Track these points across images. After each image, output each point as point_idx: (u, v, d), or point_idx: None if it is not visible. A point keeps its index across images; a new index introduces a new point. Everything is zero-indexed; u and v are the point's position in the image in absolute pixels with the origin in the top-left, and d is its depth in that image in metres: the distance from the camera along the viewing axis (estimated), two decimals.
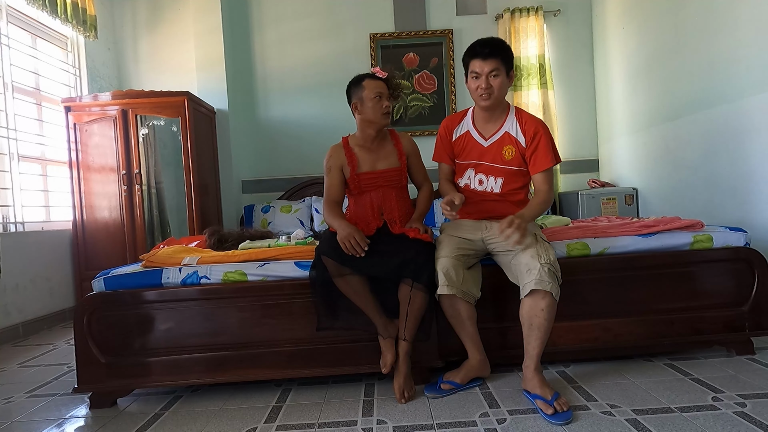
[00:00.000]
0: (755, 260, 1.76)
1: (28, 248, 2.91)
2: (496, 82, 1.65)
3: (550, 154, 1.69)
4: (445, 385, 1.58)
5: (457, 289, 1.55)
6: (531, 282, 1.46)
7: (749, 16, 2.46)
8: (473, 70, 1.68)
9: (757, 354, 1.78)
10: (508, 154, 1.71)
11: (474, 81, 1.68)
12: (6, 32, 2.94)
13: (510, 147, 1.71)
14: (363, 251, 1.56)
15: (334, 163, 1.82)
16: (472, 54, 1.68)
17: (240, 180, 4.07)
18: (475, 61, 1.66)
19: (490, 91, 1.65)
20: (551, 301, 1.46)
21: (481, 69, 1.65)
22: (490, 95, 1.66)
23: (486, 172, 1.75)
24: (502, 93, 1.69)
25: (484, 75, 1.64)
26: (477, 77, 1.67)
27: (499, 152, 1.72)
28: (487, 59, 1.64)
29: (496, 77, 1.65)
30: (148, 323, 1.68)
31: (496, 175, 1.74)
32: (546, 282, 1.44)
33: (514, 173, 1.73)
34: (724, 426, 1.26)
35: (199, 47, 3.86)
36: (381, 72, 1.80)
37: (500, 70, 1.65)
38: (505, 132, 1.73)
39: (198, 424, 1.48)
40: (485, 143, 1.74)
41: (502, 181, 1.73)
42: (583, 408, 1.42)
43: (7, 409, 1.67)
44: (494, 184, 1.74)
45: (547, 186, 1.70)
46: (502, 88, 1.67)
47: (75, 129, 3.31)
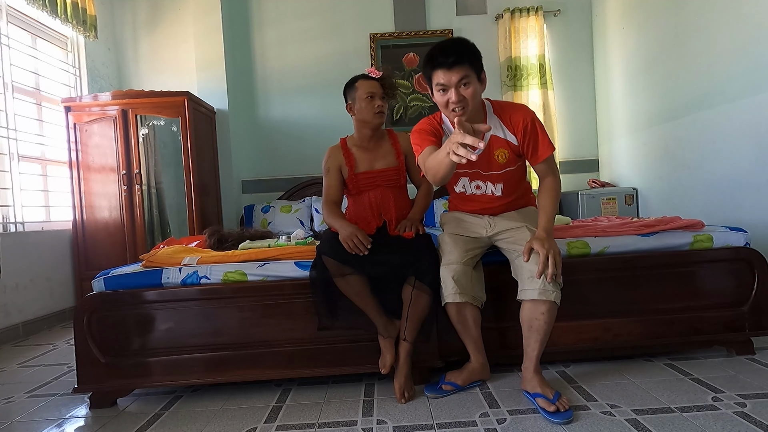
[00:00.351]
0: (755, 260, 1.76)
1: (28, 248, 2.91)
2: (468, 92, 1.43)
3: (547, 139, 1.55)
4: (446, 386, 1.58)
5: (469, 295, 1.52)
6: (533, 291, 1.41)
7: (749, 16, 2.46)
8: (438, 82, 1.44)
9: (757, 354, 1.78)
10: (502, 158, 1.57)
11: (441, 95, 1.46)
12: (6, 32, 2.94)
13: (502, 150, 1.57)
14: (366, 250, 1.55)
15: (332, 164, 1.82)
16: (434, 64, 1.43)
17: (240, 180, 4.07)
18: (439, 73, 1.43)
19: (464, 104, 1.44)
20: (552, 306, 1.42)
21: (448, 80, 1.42)
22: (464, 108, 1.45)
23: (483, 179, 1.63)
24: (477, 101, 1.49)
25: (453, 87, 1.42)
26: (444, 90, 1.44)
27: (490, 159, 1.58)
28: (453, 68, 1.40)
29: (467, 87, 1.43)
30: (148, 323, 1.68)
31: (494, 181, 1.63)
32: (549, 291, 1.40)
33: (512, 173, 1.63)
34: (724, 426, 1.26)
35: (199, 47, 3.86)
36: (375, 72, 1.80)
37: (470, 77, 1.43)
38: (491, 136, 1.57)
39: (198, 424, 1.48)
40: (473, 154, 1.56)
41: (502, 186, 1.63)
42: (583, 408, 1.42)
43: (7, 409, 1.67)
44: (494, 189, 1.64)
45: (553, 173, 1.57)
46: (476, 96, 1.46)
47: (75, 129, 3.31)
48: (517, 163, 1.61)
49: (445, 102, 1.46)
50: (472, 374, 1.61)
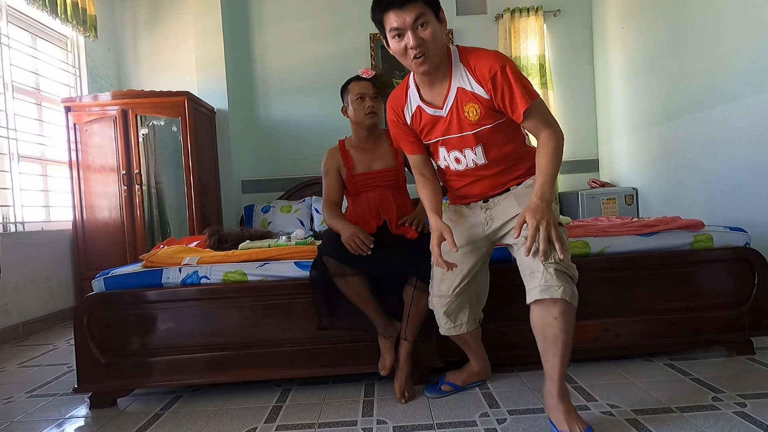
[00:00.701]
0: (755, 260, 1.76)
1: (28, 248, 2.91)
2: (427, 33, 1.21)
3: (522, 89, 1.24)
4: (445, 386, 1.58)
5: (465, 326, 1.47)
6: (535, 289, 1.20)
7: (749, 16, 2.46)
8: (392, 26, 1.22)
9: (757, 354, 1.78)
10: (473, 114, 1.30)
11: (397, 41, 1.24)
12: (6, 32, 2.94)
13: (471, 105, 1.29)
14: (369, 249, 1.55)
15: (331, 166, 1.83)
16: (384, 5, 1.23)
17: (240, 180, 4.07)
18: (390, 15, 1.21)
19: (424, 49, 1.22)
20: (566, 307, 1.18)
21: (402, 22, 1.20)
22: (425, 55, 1.23)
23: (458, 146, 1.37)
24: (439, 44, 1.25)
25: (408, 29, 1.21)
26: (400, 35, 1.23)
27: (461, 117, 1.32)
28: (405, 6, 1.20)
29: (425, 27, 1.21)
30: (148, 323, 1.68)
31: (471, 146, 1.35)
32: (554, 287, 1.17)
33: (491, 132, 1.33)
34: (724, 426, 1.26)
35: (199, 47, 3.86)
36: (367, 72, 1.80)
37: (427, 15, 1.22)
38: (458, 88, 1.30)
39: (198, 424, 1.48)
40: (442, 112, 1.34)
41: (482, 149, 1.35)
42: (583, 408, 1.42)
43: (7, 409, 1.67)
44: (474, 156, 1.36)
45: (548, 125, 1.29)
46: (437, 38, 1.23)
47: (75, 129, 3.31)
48: (495, 120, 1.32)
49: (402, 49, 1.24)
50: (471, 375, 1.61)
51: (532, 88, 1.28)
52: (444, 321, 1.47)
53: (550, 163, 1.25)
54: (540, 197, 1.19)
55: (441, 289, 1.45)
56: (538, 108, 1.28)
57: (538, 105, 1.27)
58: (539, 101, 1.28)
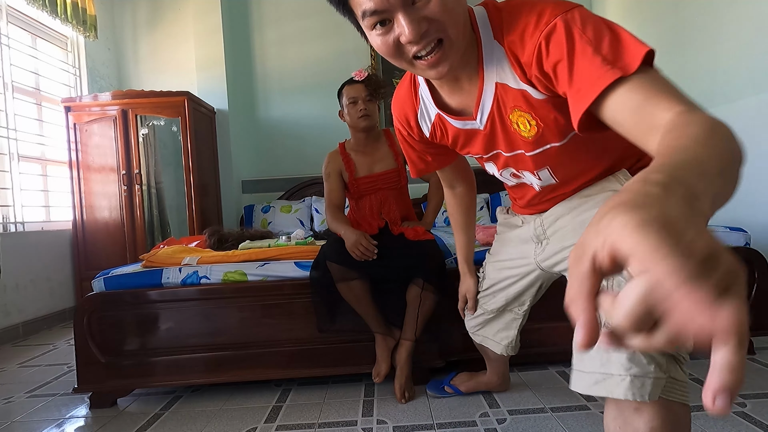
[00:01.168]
0: (755, 260, 1.76)
1: (28, 248, 2.91)
2: (434, 2, 0.65)
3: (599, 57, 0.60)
4: (448, 388, 1.57)
5: (488, 340, 1.34)
6: (590, 376, 0.74)
7: (749, 16, 2.46)
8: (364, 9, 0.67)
9: (757, 354, 1.78)
10: (525, 128, 0.78)
11: (380, 33, 0.69)
12: (6, 32, 2.94)
13: (520, 115, 0.77)
14: (374, 255, 1.55)
15: (332, 169, 1.83)
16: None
17: (240, 180, 4.07)
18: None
19: (433, 37, 0.67)
20: (663, 416, 0.66)
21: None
22: (438, 47, 0.68)
23: (515, 165, 0.91)
24: (458, 17, 0.68)
25: (398, 6, 0.65)
26: (383, 21, 0.67)
27: (508, 130, 0.81)
28: None
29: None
30: (148, 323, 1.68)
31: (533, 168, 0.87)
32: (638, 382, 0.66)
33: (560, 151, 0.81)
34: (724, 426, 1.26)
35: (199, 47, 3.86)
36: (359, 74, 1.78)
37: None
38: (496, 85, 0.76)
39: (198, 424, 1.48)
40: (477, 124, 0.84)
41: (549, 171, 0.88)
42: (583, 408, 1.42)
43: (7, 409, 1.67)
44: (539, 181, 0.92)
45: (680, 104, 0.56)
46: (454, 8, 0.67)
47: (75, 129, 3.31)
48: (567, 136, 0.79)
49: (392, 46, 0.69)
50: (479, 385, 1.56)
51: (636, 45, 0.60)
52: (471, 320, 1.35)
53: (699, 145, 0.44)
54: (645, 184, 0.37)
55: (472, 323, 1.33)
56: (650, 78, 0.59)
57: (653, 75, 0.59)
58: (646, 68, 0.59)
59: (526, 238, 1.08)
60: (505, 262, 1.19)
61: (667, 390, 0.67)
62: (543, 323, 1.66)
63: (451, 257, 1.76)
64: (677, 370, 0.68)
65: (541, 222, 1.02)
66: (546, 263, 1.03)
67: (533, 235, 1.05)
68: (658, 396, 0.65)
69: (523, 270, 1.13)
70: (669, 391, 0.67)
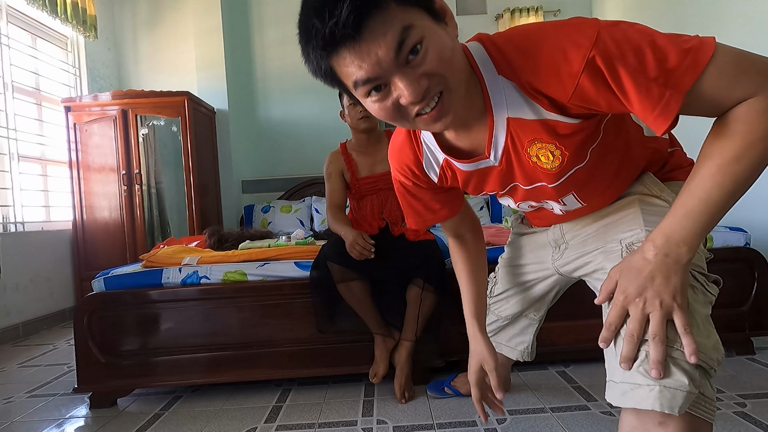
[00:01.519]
0: (755, 260, 1.76)
1: (28, 248, 2.91)
2: (430, 58, 0.61)
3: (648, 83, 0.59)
4: (448, 389, 1.57)
5: (501, 346, 1.34)
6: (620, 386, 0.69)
7: (749, 16, 2.46)
8: (356, 79, 0.62)
9: (757, 354, 1.78)
10: (547, 159, 0.74)
11: (377, 99, 0.65)
12: (6, 32, 2.94)
13: (541, 147, 0.73)
14: (371, 253, 1.55)
15: (333, 169, 1.83)
16: (324, 41, 0.59)
17: (240, 180, 4.07)
18: (344, 56, 0.60)
19: (434, 91, 0.63)
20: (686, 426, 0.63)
21: (373, 62, 0.59)
22: (440, 101, 0.64)
23: (534, 197, 0.87)
24: (457, 66, 0.64)
25: (393, 70, 0.60)
26: (377, 87, 0.63)
27: (524, 163, 0.77)
28: (364, 30, 0.57)
29: (420, 51, 0.60)
30: (148, 323, 1.68)
31: (556, 197, 0.84)
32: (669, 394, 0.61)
33: (588, 169, 0.77)
34: (724, 426, 1.26)
35: (199, 47, 3.86)
36: None
37: (415, 21, 0.60)
38: (508, 121, 0.72)
39: (198, 424, 1.48)
40: (492, 161, 0.79)
41: (574, 195, 0.84)
42: (583, 408, 1.42)
43: (7, 409, 1.67)
44: (563, 206, 0.88)
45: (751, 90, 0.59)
46: (450, 57, 0.62)
47: (75, 129, 3.31)
48: (592, 145, 0.74)
49: (392, 109, 0.65)
50: None
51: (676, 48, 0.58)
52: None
53: (708, 180, 0.61)
54: (656, 248, 0.65)
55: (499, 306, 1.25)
56: (711, 79, 0.58)
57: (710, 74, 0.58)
58: (717, 55, 0.58)
59: (544, 243, 1.04)
60: (520, 267, 1.15)
61: (695, 405, 0.63)
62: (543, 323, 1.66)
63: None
64: (707, 386, 0.66)
65: (560, 227, 0.99)
66: (565, 268, 1.00)
67: (551, 239, 1.01)
68: (686, 409, 0.61)
69: (539, 275, 1.10)
70: (696, 406, 0.63)
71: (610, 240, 0.84)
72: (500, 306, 1.26)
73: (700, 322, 0.68)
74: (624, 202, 0.85)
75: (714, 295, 0.75)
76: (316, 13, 0.58)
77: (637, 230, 0.80)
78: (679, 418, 0.62)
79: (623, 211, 0.85)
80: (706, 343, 0.66)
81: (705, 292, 0.74)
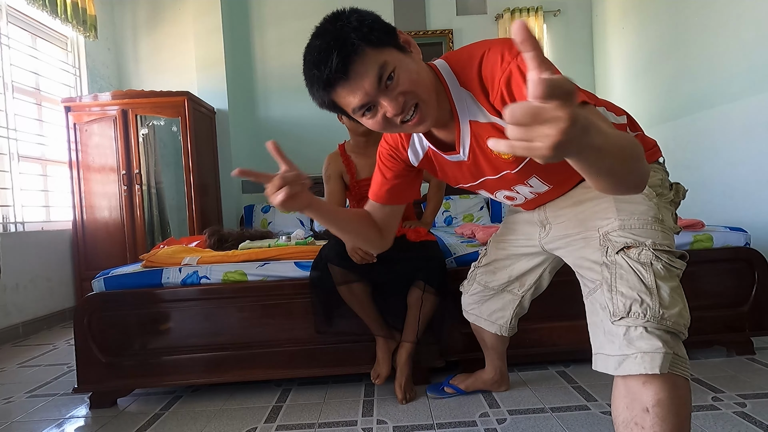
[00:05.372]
0: (755, 260, 1.76)
1: (28, 248, 2.91)
2: (404, 81, 0.80)
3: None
4: (448, 388, 1.57)
5: (482, 320, 1.36)
6: (613, 360, 0.79)
7: (749, 16, 2.46)
8: (354, 106, 0.82)
9: (757, 354, 1.78)
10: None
11: (372, 117, 0.84)
12: (6, 32, 2.94)
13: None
14: (374, 258, 1.54)
15: (332, 171, 1.83)
16: (323, 83, 0.80)
17: (240, 180, 4.07)
18: (339, 92, 0.81)
19: (411, 104, 0.82)
20: (668, 388, 0.74)
21: (363, 93, 0.79)
22: (418, 109, 0.83)
23: (503, 186, 1.03)
24: (426, 83, 0.84)
25: (377, 96, 0.80)
26: (370, 108, 0.82)
27: (488, 156, 0.93)
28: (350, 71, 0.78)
29: (395, 77, 0.79)
30: (148, 323, 1.68)
31: (522, 180, 0.99)
32: (648, 358, 0.74)
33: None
34: (724, 426, 1.26)
35: (199, 47, 3.86)
36: None
37: (387, 58, 0.79)
38: (470, 123, 0.89)
39: (198, 424, 1.48)
40: (461, 156, 0.96)
41: (537, 178, 0.98)
42: (583, 408, 1.42)
43: (7, 409, 1.67)
44: (531, 188, 1.02)
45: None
46: (419, 77, 0.82)
47: (75, 129, 3.31)
48: None
49: (382, 121, 0.83)
50: (477, 382, 1.56)
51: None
52: (467, 298, 1.37)
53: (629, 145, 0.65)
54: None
55: (468, 288, 1.35)
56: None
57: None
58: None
59: (532, 221, 1.15)
60: (509, 241, 1.24)
61: (672, 365, 0.75)
62: (543, 323, 1.66)
63: (451, 257, 1.76)
64: (680, 347, 0.79)
65: (543, 209, 1.10)
66: (550, 246, 1.10)
67: (537, 220, 1.13)
68: (667, 369, 0.74)
69: (527, 250, 1.19)
70: (674, 365, 0.75)
71: (589, 227, 0.96)
72: (486, 276, 1.31)
73: (665, 294, 0.79)
74: (596, 192, 0.94)
75: (680, 269, 0.86)
76: (314, 65, 0.80)
77: (611, 219, 0.90)
78: (659, 378, 0.74)
79: (597, 198, 0.95)
80: (673, 311, 0.78)
81: (669, 267, 0.84)
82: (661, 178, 0.98)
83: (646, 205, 0.90)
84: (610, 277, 0.84)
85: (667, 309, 0.78)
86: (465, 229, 2.50)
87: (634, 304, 0.79)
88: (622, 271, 0.83)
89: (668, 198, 0.97)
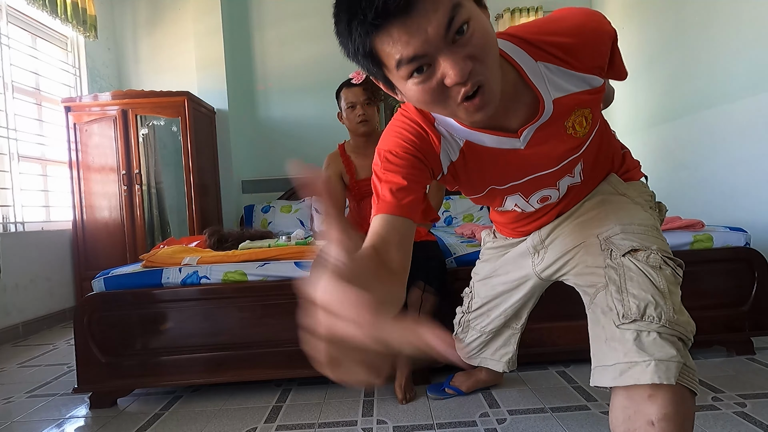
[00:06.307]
0: (755, 260, 1.76)
1: (28, 248, 2.91)
2: (477, 37, 0.60)
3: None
4: (449, 389, 1.57)
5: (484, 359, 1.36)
6: (614, 368, 0.73)
7: (750, 16, 2.46)
8: (401, 57, 0.60)
9: (757, 354, 1.78)
10: (583, 125, 0.80)
11: (419, 82, 0.63)
12: (6, 32, 2.94)
13: (581, 112, 0.79)
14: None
15: (332, 171, 1.83)
16: (374, 13, 0.57)
17: (240, 180, 4.06)
18: (393, 31, 0.58)
19: (479, 74, 0.62)
20: (677, 401, 0.68)
21: (422, 38, 0.58)
22: (483, 85, 0.63)
23: (550, 183, 0.90)
24: (494, 57, 0.64)
25: (441, 47, 0.59)
26: (420, 68, 0.61)
27: (561, 138, 0.80)
28: (422, 12, 0.57)
29: (468, 30, 0.60)
30: (148, 323, 1.68)
31: (571, 170, 0.90)
32: (663, 366, 0.68)
33: (599, 132, 0.89)
34: (724, 426, 1.26)
35: (199, 47, 3.86)
36: (358, 76, 1.74)
37: (465, 4, 0.59)
38: (554, 102, 0.76)
39: (198, 424, 1.48)
40: (518, 143, 0.79)
41: (581, 169, 0.91)
42: (583, 408, 1.42)
43: (7, 409, 1.67)
44: (571, 180, 0.92)
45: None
46: (492, 44, 0.64)
47: (75, 129, 3.31)
48: (600, 110, 0.88)
49: (434, 91, 0.63)
50: (477, 383, 1.58)
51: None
52: (466, 347, 1.33)
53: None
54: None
55: (462, 335, 1.32)
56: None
57: None
58: None
59: (522, 252, 1.09)
60: (498, 278, 1.19)
61: (681, 375, 0.68)
62: (543, 323, 1.66)
63: (451, 257, 1.76)
64: (689, 357, 0.72)
65: (539, 233, 1.04)
66: (546, 272, 1.05)
67: (530, 247, 1.07)
68: (676, 379, 0.67)
69: (518, 283, 1.15)
70: (683, 376, 0.69)
71: (588, 236, 0.92)
72: (481, 321, 1.28)
73: (678, 299, 0.76)
74: (595, 202, 0.95)
75: (681, 279, 0.82)
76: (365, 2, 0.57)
77: (611, 225, 0.88)
78: (667, 390, 0.67)
79: (595, 210, 0.95)
80: (684, 318, 0.74)
81: (675, 274, 0.80)
82: (651, 194, 0.98)
83: (645, 214, 0.89)
84: (619, 279, 0.78)
85: (680, 315, 0.74)
86: (465, 229, 2.50)
87: (648, 306, 0.73)
88: (631, 273, 0.78)
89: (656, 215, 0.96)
